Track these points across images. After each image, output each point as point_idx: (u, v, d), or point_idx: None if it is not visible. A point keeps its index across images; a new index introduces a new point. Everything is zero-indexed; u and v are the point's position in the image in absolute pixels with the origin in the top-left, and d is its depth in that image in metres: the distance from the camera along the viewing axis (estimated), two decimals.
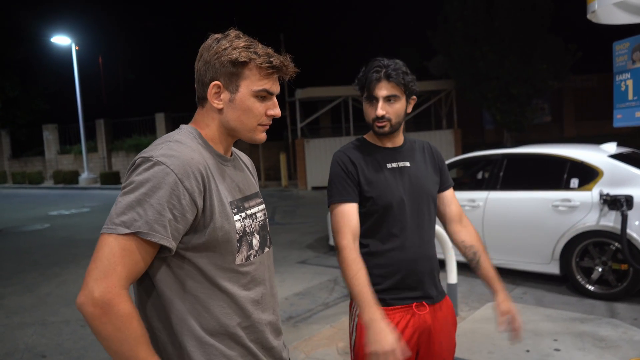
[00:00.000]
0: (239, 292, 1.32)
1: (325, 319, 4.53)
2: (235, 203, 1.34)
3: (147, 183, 1.17)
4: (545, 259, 4.96)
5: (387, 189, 1.89)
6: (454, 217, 2.07)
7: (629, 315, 4.23)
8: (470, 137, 19.69)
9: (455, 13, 14.85)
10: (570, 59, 14.49)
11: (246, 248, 1.34)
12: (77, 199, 16.38)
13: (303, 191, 15.37)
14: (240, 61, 1.28)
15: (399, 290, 1.90)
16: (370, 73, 1.87)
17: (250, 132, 1.36)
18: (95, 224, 10.89)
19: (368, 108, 1.93)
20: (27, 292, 5.91)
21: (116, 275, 1.13)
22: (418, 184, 1.94)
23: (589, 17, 3.14)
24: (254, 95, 1.31)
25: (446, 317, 1.99)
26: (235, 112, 1.32)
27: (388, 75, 1.84)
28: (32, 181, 23.08)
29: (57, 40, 21.06)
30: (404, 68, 1.88)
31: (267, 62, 1.30)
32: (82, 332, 4.58)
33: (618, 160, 4.81)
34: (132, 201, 1.16)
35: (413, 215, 1.91)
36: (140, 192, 1.16)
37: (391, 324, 1.84)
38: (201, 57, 1.33)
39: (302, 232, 8.77)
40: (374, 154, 1.95)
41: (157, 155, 1.20)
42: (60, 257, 7.71)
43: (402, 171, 1.94)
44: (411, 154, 2.00)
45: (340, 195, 1.89)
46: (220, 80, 1.31)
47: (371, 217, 1.91)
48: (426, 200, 1.96)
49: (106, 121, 22.94)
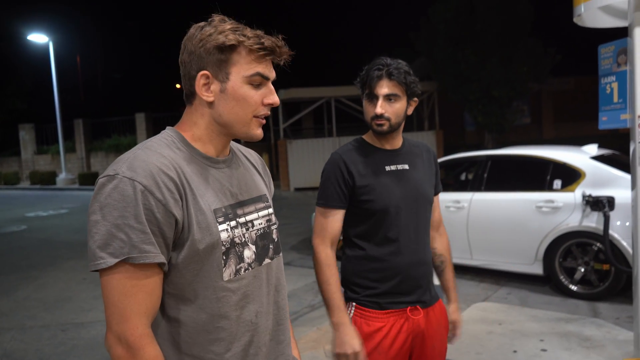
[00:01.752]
0: (229, 312, 1.19)
1: (312, 321, 4.50)
2: (222, 210, 1.19)
3: (117, 204, 1.05)
4: (529, 260, 5.00)
5: (384, 193, 1.86)
6: (434, 223, 2.10)
7: (611, 315, 4.29)
8: (451, 139, 19.86)
9: (437, 15, 14.99)
10: (550, 61, 14.74)
11: (234, 261, 1.19)
12: (55, 200, 16.07)
13: (286, 192, 15.32)
14: (227, 45, 1.15)
15: (394, 294, 1.88)
16: (372, 71, 1.83)
17: (245, 127, 1.22)
18: (74, 225, 10.69)
19: (368, 106, 1.88)
20: (4, 296, 5.76)
21: (134, 315, 1.07)
22: (416, 187, 1.92)
23: (575, 21, 3.18)
24: (247, 82, 1.18)
25: (439, 321, 1.98)
26: (228, 103, 1.19)
27: (390, 73, 1.81)
28: (8, 182, 22.59)
29: (34, 38, 20.64)
30: (406, 68, 1.85)
31: (258, 44, 1.17)
32: (62, 336, 4.48)
33: (600, 162, 4.89)
34: (109, 228, 1.04)
35: (410, 220, 1.89)
36: (114, 215, 1.05)
37: (384, 328, 1.85)
38: (185, 48, 1.20)
39: (286, 233, 8.73)
40: (372, 155, 1.91)
41: (122, 171, 1.08)
42: (39, 259, 7.54)
43: (400, 174, 1.91)
44: (410, 157, 1.96)
45: (328, 199, 1.87)
46: (208, 70, 1.17)
47: (368, 221, 1.88)
48: (423, 204, 1.94)
49: (85, 121, 22.56)
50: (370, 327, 1.85)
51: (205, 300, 1.16)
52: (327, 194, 1.88)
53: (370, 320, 1.86)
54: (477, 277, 5.53)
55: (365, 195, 1.85)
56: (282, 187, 15.76)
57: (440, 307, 2.01)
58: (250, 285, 1.23)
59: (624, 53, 3.05)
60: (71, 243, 8.72)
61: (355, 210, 1.89)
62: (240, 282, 1.21)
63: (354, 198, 1.87)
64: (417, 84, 1.88)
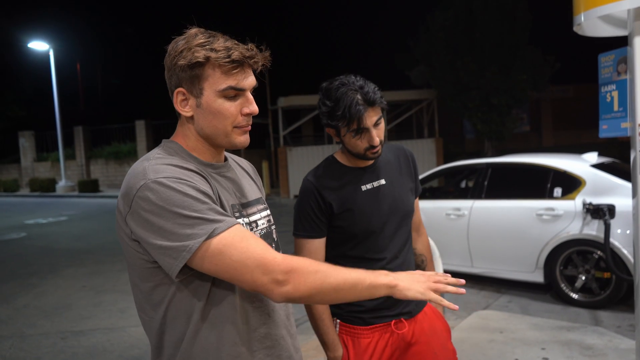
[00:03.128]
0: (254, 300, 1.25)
1: (312, 329, 4.48)
2: (236, 207, 1.26)
3: (164, 202, 1.08)
4: (529, 267, 5.00)
5: (363, 215, 1.81)
6: (414, 225, 2.08)
7: (612, 323, 4.28)
8: (451, 146, 19.90)
9: (437, 23, 15.05)
10: (549, 69, 14.79)
11: None
12: (55, 208, 16.05)
13: (285, 199, 15.31)
14: (195, 62, 1.17)
15: (378, 310, 1.86)
16: (353, 107, 1.68)
17: (227, 137, 1.24)
18: (74, 232, 10.67)
19: (356, 140, 1.75)
20: (4, 304, 5.74)
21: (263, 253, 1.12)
22: (396, 202, 1.87)
23: (575, 30, 3.19)
24: (220, 96, 1.19)
25: (432, 326, 1.94)
26: (205, 117, 1.21)
27: (371, 101, 1.70)
28: (8, 189, 22.56)
29: (34, 45, 20.69)
30: (374, 86, 1.74)
31: (226, 58, 1.17)
32: (61, 344, 4.46)
33: (600, 170, 4.89)
34: (180, 221, 1.08)
35: (391, 236, 1.86)
36: (174, 210, 1.08)
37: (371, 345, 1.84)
38: (165, 65, 1.24)
39: (286, 240, 8.64)
40: (346, 176, 1.84)
41: (152, 177, 1.11)
42: (38, 267, 7.51)
43: (378, 191, 1.85)
44: (385, 168, 1.90)
45: (308, 231, 1.81)
46: (183, 87, 1.21)
47: (349, 243, 1.84)
48: (404, 218, 1.90)
49: (85, 128, 22.57)
50: (357, 348, 1.85)
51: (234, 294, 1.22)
52: (306, 226, 1.81)
53: (357, 338, 1.85)
54: (478, 285, 5.52)
55: (344, 221, 1.80)
56: (282, 194, 15.75)
57: (432, 311, 1.97)
58: None
59: (624, 62, 3.06)
60: (71, 250, 8.69)
61: (335, 235, 1.84)
62: None
63: (333, 224, 1.82)
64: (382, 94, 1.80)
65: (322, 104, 1.79)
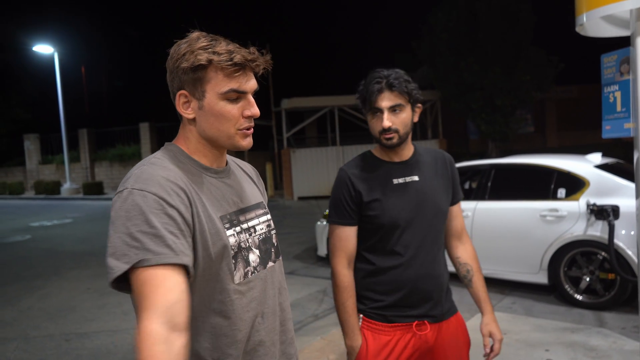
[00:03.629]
0: (242, 314, 1.23)
1: (316, 330, 4.49)
2: (227, 217, 1.25)
3: (128, 214, 1.08)
4: (533, 269, 4.98)
5: (392, 207, 1.82)
6: (455, 232, 2.04)
7: (617, 325, 4.26)
8: (455, 147, 19.87)
9: (440, 24, 15.04)
10: (553, 70, 14.75)
11: (242, 265, 1.25)
12: (59, 210, 16.11)
13: (289, 201, 15.32)
14: (198, 65, 1.18)
15: (400, 307, 1.85)
16: (371, 85, 1.79)
17: (230, 139, 1.25)
18: (78, 235, 10.71)
19: (373, 121, 1.84)
20: (8, 306, 5.76)
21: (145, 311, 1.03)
22: (425, 199, 1.86)
23: (577, 30, 3.18)
24: (222, 99, 1.21)
25: (455, 336, 1.92)
26: (207, 119, 1.22)
27: (390, 84, 1.77)
28: (13, 191, 22.67)
29: (39, 49, 20.80)
30: (405, 76, 1.81)
31: (228, 61, 1.18)
32: (66, 346, 4.47)
33: (604, 171, 4.87)
34: (122, 238, 1.07)
35: (419, 233, 1.85)
36: (126, 225, 1.07)
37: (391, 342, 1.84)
38: (167, 68, 1.24)
39: (290, 242, 8.72)
40: (380, 169, 1.88)
41: (131, 185, 1.12)
42: (43, 269, 7.54)
43: (409, 186, 1.86)
44: (420, 167, 1.91)
45: (340, 217, 1.87)
46: (186, 89, 1.22)
47: (376, 235, 1.86)
48: (434, 216, 1.88)
49: (89, 131, 22.66)
50: (377, 342, 1.84)
51: (220, 304, 1.21)
52: (338, 212, 1.87)
53: (377, 334, 1.85)
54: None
55: (372, 211, 1.83)
56: (286, 196, 15.77)
57: (458, 322, 1.96)
58: (257, 287, 1.29)
59: (626, 62, 3.05)
60: (75, 253, 8.73)
61: (365, 225, 1.87)
62: (249, 284, 1.26)
63: (362, 213, 1.85)
64: (418, 90, 1.85)
65: (358, 91, 1.87)
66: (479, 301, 2.02)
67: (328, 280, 6.20)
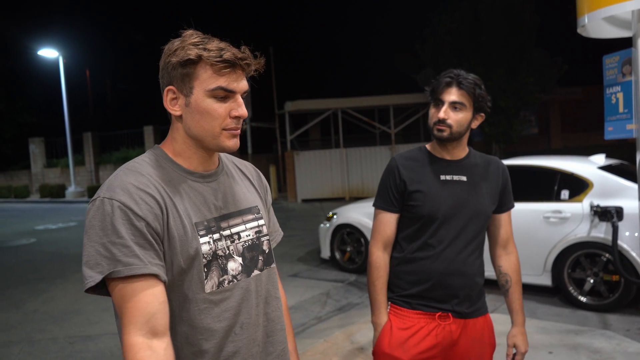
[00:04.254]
0: (211, 324, 1.20)
1: (319, 333, 4.48)
2: (204, 224, 1.21)
3: (99, 224, 1.11)
4: (537, 271, 4.97)
5: (433, 200, 1.87)
6: (501, 241, 2.06)
7: (621, 327, 4.24)
8: None
9: (443, 26, 15.04)
10: (556, 71, 14.71)
11: (217, 273, 1.21)
12: (64, 213, 16.17)
13: (293, 204, 15.33)
14: (187, 59, 1.16)
15: (425, 298, 1.90)
16: (442, 78, 1.87)
17: (215, 139, 1.21)
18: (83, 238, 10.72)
19: (433, 111, 1.90)
20: (13, 309, 5.79)
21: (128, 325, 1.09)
22: (469, 200, 1.90)
23: (579, 31, 3.18)
24: (210, 96, 1.18)
25: (480, 335, 1.93)
26: (193, 117, 1.20)
27: (459, 82, 1.84)
28: (18, 195, 22.76)
29: (44, 53, 20.91)
30: (478, 81, 1.87)
31: (218, 57, 1.16)
32: (70, 349, 4.49)
33: (608, 172, 4.86)
34: (96, 247, 1.10)
35: (455, 230, 1.89)
36: (98, 234, 1.10)
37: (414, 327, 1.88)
38: (159, 64, 1.24)
39: (293, 245, 8.72)
40: (430, 164, 1.94)
41: (102, 193, 1.14)
42: (48, 272, 7.57)
43: (455, 184, 1.91)
44: (471, 169, 1.94)
45: (384, 203, 1.96)
46: (174, 85, 1.20)
47: (414, 225, 1.92)
48: (475, 217, 1.91)
49: (94, 134, 22.76)
50: (401, 325, 1.90)
51: (187, 312, 1.19)
52: (382, 198, 1.96)
53: (401, 318, 1.91)
54: (485, 288, 5.47)
55: (414, 201, 1.89)
56: (290, 199, 15.77)
57: (486, 323, 1.97)
58: (235, 297, 1.24)
59: (628, 63, 3.05)
60: (80, 256, 8.67)
61: (405, 214, 1.93)
62: (224, 294, 1.22)
63: (405, 202, 1.92)
64: (487, 100, 1.89)
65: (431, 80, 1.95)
66: (512, 312, 2.07)
67: (331, 283, 6.19)
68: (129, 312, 1.09)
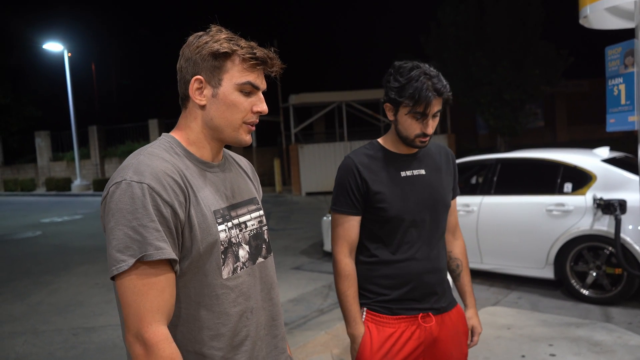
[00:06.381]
0: (228, 309, 1.25)
1: (320, 325, 4.50)
2: (220, 212, 1.26)
3: (129, 207, 1.11)
4: (539, 264, 4.95)
5: (399, 200, 1.82)
6: (450, 227, 2.07)
7: (623, 320, 4.23)
8: (464, 142, 19.75)
9: (448, 19, 14.95)
10: (562, 64, 14.61)
11: (232, 260, 1.26)
12: (70, 206, 16.27)
13: (297, 197, 15.35)
14: (221, 52, 1.22)
15: (406, 301, 1.86)
16: (424, 91, 1.72)
17: (234, 132, 1.27)
18: (88, 231, 10.81)
19: (412, 123, 1.78)
20: (18, 301, 5.84)
21: (147, 312, 1.10)
22: (433, 193, 1.87)
23: (581, 22, 3.15)
24: (237, 90, 1.24)
25: (456, 326, 1.94)
26: (219, 108, 1.25)
27: (440, 92, 1.75)
28: (24, 188, 22.92)
29: (49, 47, 20.97)
30: (444, 81, 1.79)
31: (250, 53, 1.23)
32: (73, 340, 4.53)
33: (611, 165, 4.83)
34: (125, 231, 1.10)
35: (425, 227, 1.86)
36: (128, 218, 1.10)
37: (395, 334, 1.84)
38: (182, 55, 1.28)
39: (297, 237, 8.74)
40: (387, 160, 1.87)
41: (129, 176, 1.14)
42: (52, 265, 7.63)
43: (416, 180, 1.86)
44: (427, 160, 1.91)
45: (342, 206, 1.85)
46: (202, 75, 1.24)
47: (382, 227, 1.85)
48: (440, 210, 1.89)
49: (99, 128, 22.84)
50: (382, 333, 1.84)
51: (205, 297, 1.23)
52: (342, 201, 1.85)
53: (382, 326, 1.85)
54: (488, 281, 5.49)
55: (379, 203, 1.81)
56: (294, 192, 15.79)
57: (458, 313, 1.98)
58: (246, 283, 1.30)
59: (631, 54, 3.02)
60: (84, 248, 8.81)
61: (369, 217, 1.85)
62: (237, 280, 1.27)
63: (367, 204, 1.83)
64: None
65: (394, 79, 1.79)
66: (464, 294, 2.08)
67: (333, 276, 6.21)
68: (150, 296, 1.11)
